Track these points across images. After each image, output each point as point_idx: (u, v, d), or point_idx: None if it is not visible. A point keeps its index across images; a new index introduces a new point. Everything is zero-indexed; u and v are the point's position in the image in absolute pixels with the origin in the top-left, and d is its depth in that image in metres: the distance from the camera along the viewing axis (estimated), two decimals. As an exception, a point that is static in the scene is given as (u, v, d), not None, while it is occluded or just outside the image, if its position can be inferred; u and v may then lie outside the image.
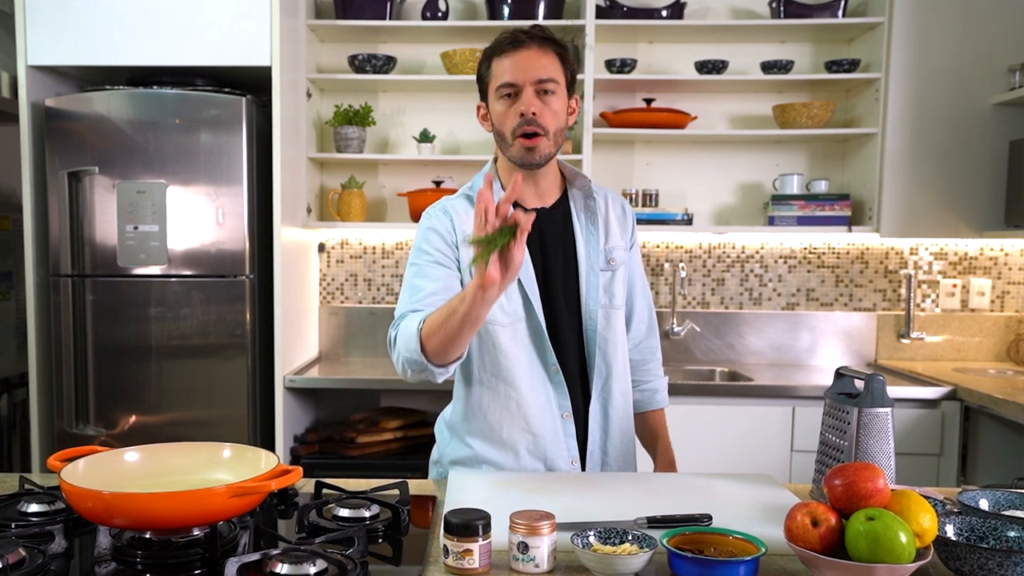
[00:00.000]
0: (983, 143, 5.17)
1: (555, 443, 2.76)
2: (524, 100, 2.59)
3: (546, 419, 2.75)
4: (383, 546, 2.08)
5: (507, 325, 2.73)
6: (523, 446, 2.77)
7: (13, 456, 5.53)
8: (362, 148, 5.41)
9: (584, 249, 2.81)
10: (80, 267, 4.70)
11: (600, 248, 2.83)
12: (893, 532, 1.71)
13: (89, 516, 1.89)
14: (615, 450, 2.89)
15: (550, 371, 2.75)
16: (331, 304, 5.79)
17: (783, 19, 5.26)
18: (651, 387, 3.10)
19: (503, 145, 2.71)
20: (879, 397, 2.28)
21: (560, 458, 2.77)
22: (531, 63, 2.59)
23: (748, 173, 5.69)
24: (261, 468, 2.07)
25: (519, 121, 2.61)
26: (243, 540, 2.02)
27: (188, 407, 4.76)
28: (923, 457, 4.72)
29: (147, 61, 4.72)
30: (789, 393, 4.81)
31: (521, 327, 2.74)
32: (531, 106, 2.59)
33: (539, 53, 2.61)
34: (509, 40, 2.61)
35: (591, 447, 2.83)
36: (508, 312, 2.72)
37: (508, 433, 2.77)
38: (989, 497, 2.14)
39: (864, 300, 5.70)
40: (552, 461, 2.77)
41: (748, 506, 2.30)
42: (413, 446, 4.98)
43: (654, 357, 3.13)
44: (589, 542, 1.90)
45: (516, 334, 2.74)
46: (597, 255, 2.82)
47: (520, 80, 2.59)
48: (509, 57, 2.61)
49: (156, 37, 4.68)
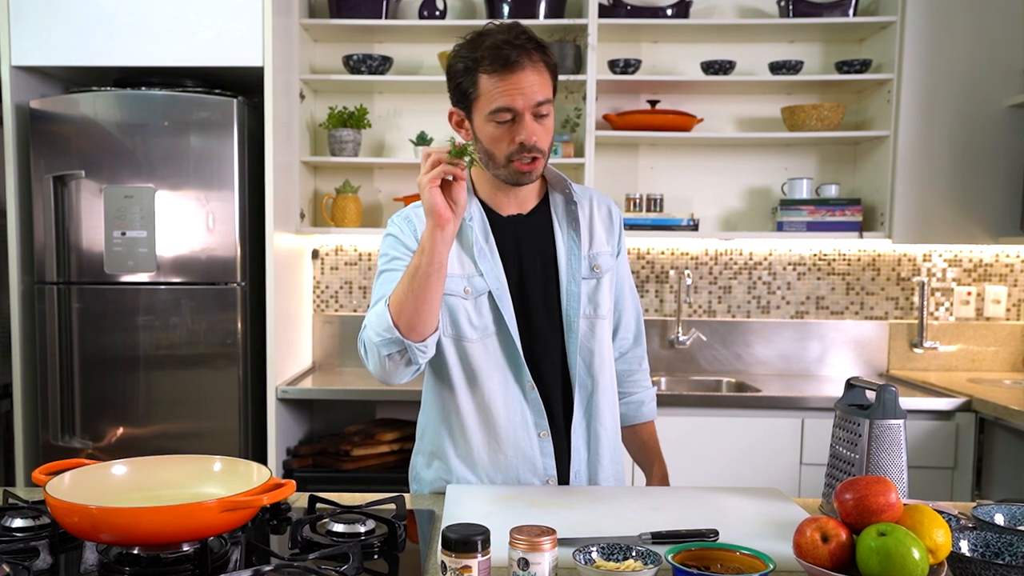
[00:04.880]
0: (998, 146, 5.16)
1: (529, 463, 2.74)
2: (525, 129, 2.55)
3: (520, 438, 2.73)
4: (379, 562, 2.08)
5: (476, 341, 2.70)
6: (493, 466, 2.75)
7: (-4, 469, 5.54)
8: (357, 151, 5.40)
9: (565, 257, 2.78)
10: (66, 274, 4.70)
11: (583, 255, 2.80)
12: (906, 548, 1.71)
13: (75, 531, 1.90)
14: (604, 469, 2.85)
15: (525, 388, 2.72)
16: (325, 312, 5.78)
17: (792, 18, 5.25)
18: (637, 399, 3.06)
19: (491, 165, 2.66)
20: (891, 408, 2.29)
21: (534, 478, 2.75)
22: (528, 86, 2.53)
23: (756, 177, 5.68)
24: (253, 482, 2.08)
25: (516, 148, 2.57)
26: (234, 556, 2.03)
27: (177, 419, 4.76)
28: (936, 471, 4.72)
29: (135, 62, 4.72)
30: (798, 404, 4.81)
31: (492, 342, 2.71)
32: (533, 134, 2.56)
33: (533, 72, 2.54)
34: (500, 59, 2.51)
35: (576, 466, 2.79)
36: (478, 327, 2.70)
37: (478, 452, 2.75)
38: (1005, 512, 2.14)
39: (876, 308, 5.70)
40: (525, 482, 2.75)
41: (756, 521, 2.30)
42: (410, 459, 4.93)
43: (641, 367, 3.09)
44: (592, 558, 1.91)
45: (488, 350, 2.71)
46: (579, 263, 2.78)
47: (519, 106, 2.53)
48: (503, 79, 2.53)
49: (144, 37, 4.68)
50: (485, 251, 2.71)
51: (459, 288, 2.69)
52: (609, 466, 2.86)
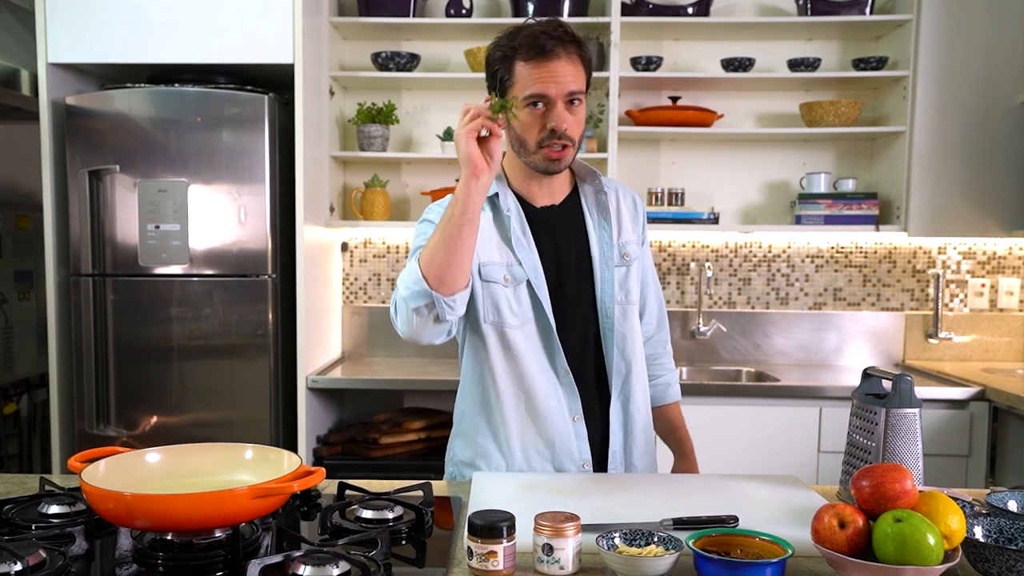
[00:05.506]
0: (1012, 141, 5.14)
1: (565, 447, 2.76)
2: (557, 115, 2.57)
3: (556, 422, 2.75)
4: (406, 548, 2.08)
5: (517, 327, 2.73)
6: (532, 448, 2.77)
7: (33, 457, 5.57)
8: (385, 146, 5.40)
9: (597, 245, 2.81)
10: (101, 266, 4.72)
11: (614, 243, 2.83)
12: (921, 534, 1.71)
13: (110, 518, 1.90)
14: (639, 450, 2.88)
15: (559, 373, 2.75)
16: (354, 304, 5.79)
17: (810, 16, 5.23)
18: (664, 381, 3.10)
19: (521, 151, 2.70)
20: (907, 398, 2.28)
21: (570, 462, 2.77)
22: (562, 74, 2.56)
23: (775, 172, 5.67)
24: (283, 469, 2.08)
25: (547, 134, 2.60)
26: (265, 542, 2.03)
27: (210, 408, 4.77)
28: (951, 458, 4.71)
29: (168, 59, 4.73)
30: (816, 394, 4.80)
31: (531, 328, 2.74)
32: (564, 122, 2.58)
33: (568, 63, 2.58)
34: (537, 48, 2.56)
35: (613, 448, 2.82)
36: (518, 314, 2.73)
37: (516, 436, 2.77)
38: (1018, 498, 2.13)
39: (892, 300, 5.68)
40: (561, 464, 2.77)
41: (775, 507, 2.29)
42: (437, 447, 4.94)
43: (665, 351, 3.12)
44: (614, 544, 1.90)
45: (526, 336, 2.74)
46: (611, 251, 2.81)
47: (552, 93, 2.56)
48: (538, 66, 2.56)
49: (178, 34, 4.69)
50: (523, 241, 2.74)
51: (500, 276, 2.73)
52: (643, 445, 2.90)
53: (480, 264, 2.71)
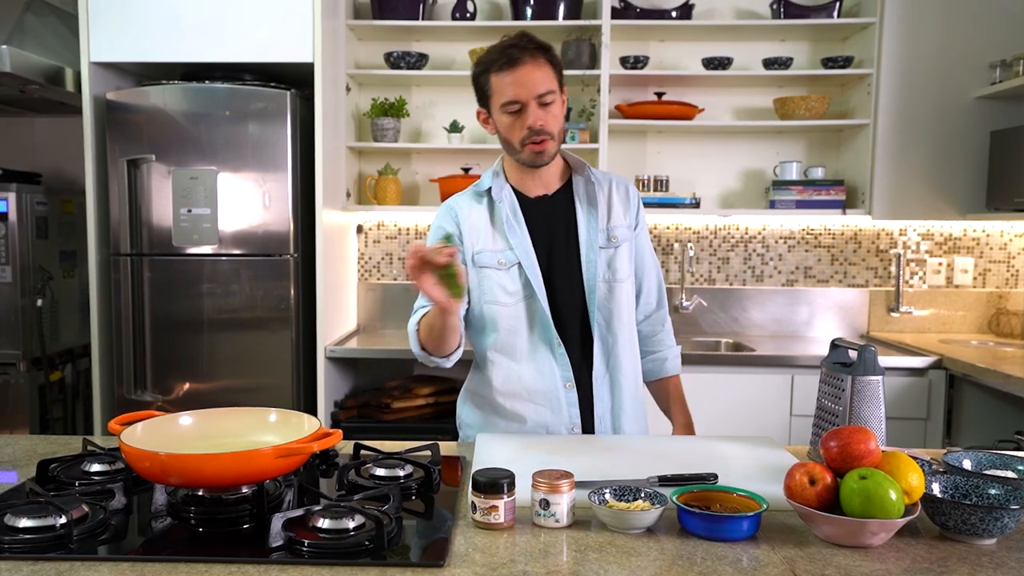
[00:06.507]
0: (967, 133, 5.14)
1: (556, 412, 2.81)
2: (531, 115, 2.64)
3: (549, 389, 2.80)
4: (416, 503, 2.08)
5: (511, 305, 2.80)
6: (527, 414, 2.82)
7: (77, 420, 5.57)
8: (397, 138, 5.39)
9: (584, 230, 2.84)
10: (138, 247, 4.72)
11: (601, 227, 2.85)
12: (884, 490, 1.71)
13: (147, 475, 1.90)
14: (627, 417, 2.90)
15: (553, 345, 2.79)
16: (368, 281, 5.79)
17: (783, 19, 5.22)
18: (661, 356, 3.08)
19: (511, 151, 2.77)
20: (871, 366, 2.28)
21: (561, 425, 2.81)
22: (530, 79, 2.63)
23: (751, 161, 5.66)
24: (304, 431, 2.08)
25: (527, 133, 2.67)
26: (288, 497, 2.03)
27: (237, 375, 4.78)
28: (911, 421, 4.71)
29: (200, 58, 4.72)
30: (788, 363, 4.81)
31: (524, 306, 2.80)
32: (537, 120, 2.65)
33: (534, 67, 2.64)
34: (505, 58, 2.64)
35: (599, 412, 2.85)
36: (512, 293, 2.79)
37: (512, 403, 2.83)
38: (972, 458, 2.14)
39: (857, 277, 5.67)
40: (553, 428, 2.82)
41: (751, 466, 2.29)
42: (444, 411, 4.97)
43: (664, 328, 3.11)
44: (605, 499, 1.91)
45: (520, 313, 2.80)
46: (597, 234, 2.84)
47: (524, 97, 2.63)
48: (509, 74, 2.63)
49: (208, 36, 4.68)
50: (514, 226, 2.80)
51: (493, 261, 2.80)
52: (631, 412, 2.91)
53: (474, 253, 2.82)
